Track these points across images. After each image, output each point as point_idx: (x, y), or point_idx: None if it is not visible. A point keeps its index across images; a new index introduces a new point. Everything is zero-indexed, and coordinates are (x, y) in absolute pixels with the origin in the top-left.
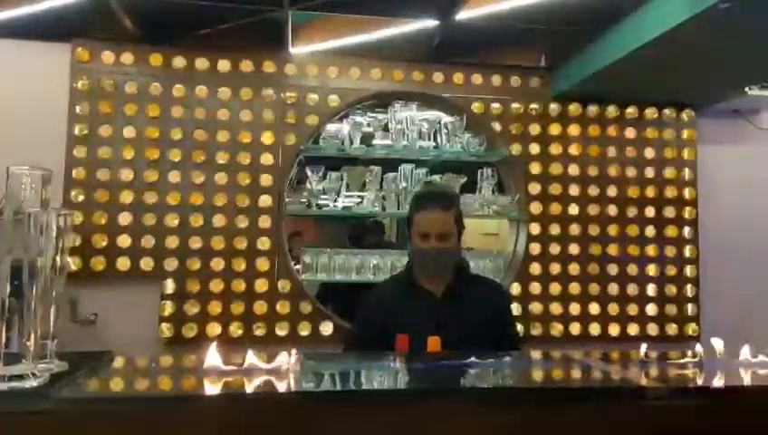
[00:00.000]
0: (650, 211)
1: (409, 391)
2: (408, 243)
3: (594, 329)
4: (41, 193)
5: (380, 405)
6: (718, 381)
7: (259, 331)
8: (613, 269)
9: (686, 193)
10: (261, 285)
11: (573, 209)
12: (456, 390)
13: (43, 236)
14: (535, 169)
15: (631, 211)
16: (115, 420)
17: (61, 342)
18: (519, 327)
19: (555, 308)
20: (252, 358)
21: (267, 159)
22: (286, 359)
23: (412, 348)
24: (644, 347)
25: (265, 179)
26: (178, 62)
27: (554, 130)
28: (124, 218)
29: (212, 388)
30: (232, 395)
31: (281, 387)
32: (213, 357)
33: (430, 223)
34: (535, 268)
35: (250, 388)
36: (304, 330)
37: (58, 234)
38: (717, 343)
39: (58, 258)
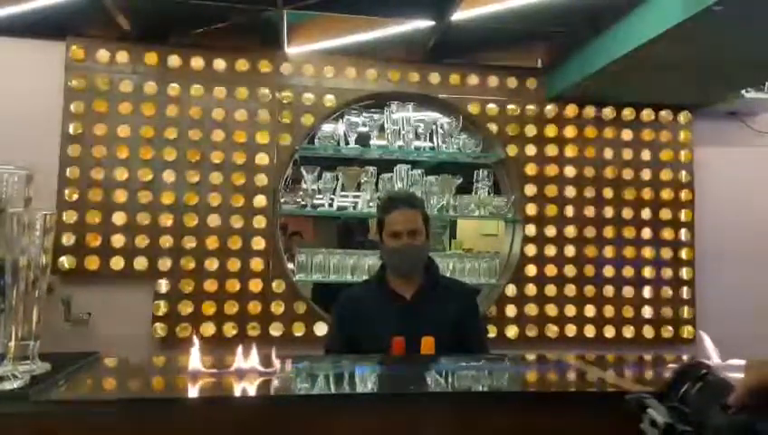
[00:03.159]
0: (646, 213)
1: (397, 394)
2: (380, 245)
3: (589, 331)
4: (24, 192)
5: (363, 409)
6: None
7: (253, 331)
8: (609, 271)
9: (683, 195)
10: (255, 286)
11: (569, 211)
12: (442, 393)
13: (26, 235)
14: (531, 170)
15: (627, 213)
16: (94, 423)
17: (54, 341)
18: (489, 328)
19: (551, 310)
20: (239, 359)
21: (262, 158)
22: (270, 361)
23: (383, 350)
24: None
25: (260, 179)
26: (173, 60)
27: (550, 131)
28: (118, 218)
29: (191, 390)
30: (211, 398)
31: (262, 390)
32: (196, 359)
33: (401, 221)
34: (531, 270)
35: (230, 391)
36: (298, 330)
37: (42, 233)
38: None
39: (43, 258)
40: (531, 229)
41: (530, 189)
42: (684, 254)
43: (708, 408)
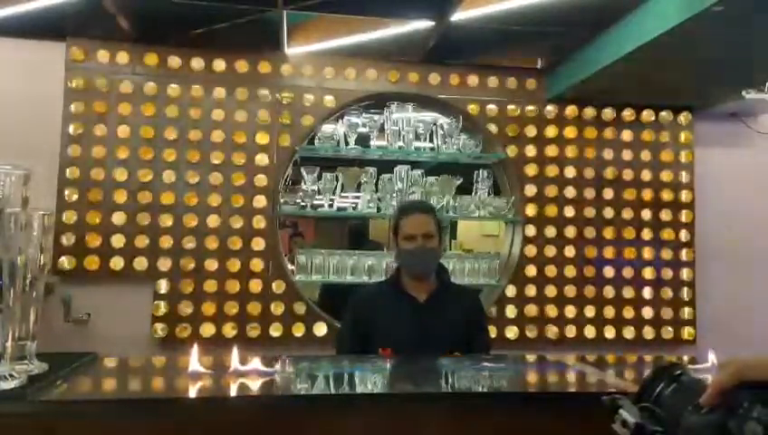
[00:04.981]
0: (647, 214)
1: (398, 394)
2: (395, 248)
3: (590, 332)
4: (21, 192)
5: (363, 409)
6: None
7: (253, 332)
8: (609, 272)
9: (683, 196)
10: (255, 286)
11: (569, 211)
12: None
13: (24, 235)
14: (531, 170)
15: (627, 214)
16: (91, 423)
17: (53, 341)
18: (492, 330)
19: (551, 310)
20: (235, 360)
21: (262, 159)
22: (268, 362)
23: (395, 350)
24: None
25: (260, 180)
26: (173, 61)
27: (550, 131)
28: (118, 218)
29: (188, 391)
30: (208, 398)
31: (259, 391)
32: (195, 360)
33: (415, 224)
34: (531, 270)
35: (228, 391)
36: (298, 331)
37: (40, 233)
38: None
39: (40, 258)
40: (531, 230)
41: (530, 190)
42: (684, 255)
43: (681, 408)
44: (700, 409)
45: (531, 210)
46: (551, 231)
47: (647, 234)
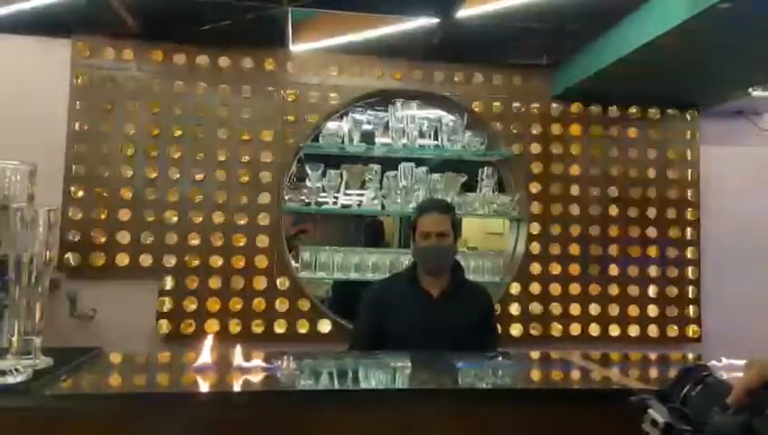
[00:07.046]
0: (652, 212)
1: (402, 390)
2: (413, 245)
3: (594, 330)
4: (27, 188)
5: (367, 405)
6: None
7: (257, 328)
8: (614, 270)
9: (689, 194)
10: (259, 283)
11: (574, 209)
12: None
13: (30, 231)
14: (536, 168)
15: (633, 212)
16: (95, 418)
17: (59, 337)
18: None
19: (555, 308)
20: (239, 357)
21: (267, 156)
22: (275, 358)
23: (408, 344)
24: None
25: (265, 177)
26: (179, 58)
27: (556, 129)
28: (124, 214)
29: (192, 386)
30: (211, 393)
31: (264, 386)
32: (207, 351)
33: (431, 223)
34: (535, 268)
35: (231, 387)
36: (302, 327)
37: (45, 229)
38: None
39: (46, 254)
40: (535, 228)
41: (535, 187)
42: (689, 253)
43: (708, 408)
44: (727, 409)
45: (535, 208)
46: (555, 229)
47: (652, 232)
